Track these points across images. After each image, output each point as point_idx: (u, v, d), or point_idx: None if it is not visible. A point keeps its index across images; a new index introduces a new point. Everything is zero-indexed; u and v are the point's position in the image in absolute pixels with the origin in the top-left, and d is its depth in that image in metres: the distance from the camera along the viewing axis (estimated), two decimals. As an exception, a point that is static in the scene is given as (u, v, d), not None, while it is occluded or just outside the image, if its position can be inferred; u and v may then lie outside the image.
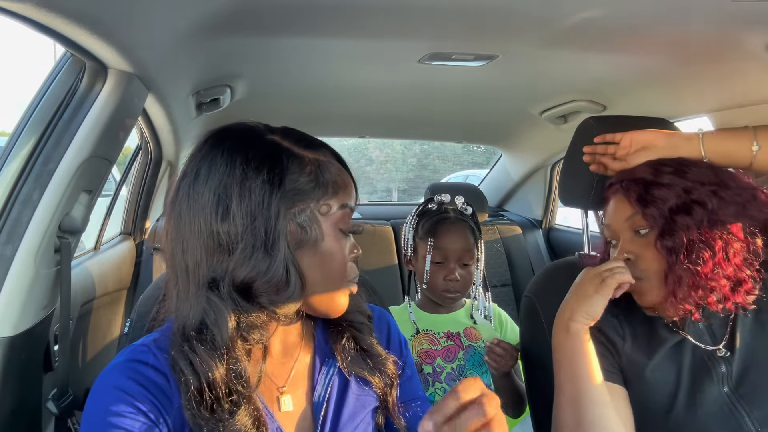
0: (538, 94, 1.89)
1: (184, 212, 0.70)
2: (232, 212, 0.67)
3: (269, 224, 0.68)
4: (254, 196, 0.68)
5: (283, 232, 0.68)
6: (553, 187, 2.81)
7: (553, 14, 1.10)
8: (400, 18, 1.15)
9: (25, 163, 1.04)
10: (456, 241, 1.33)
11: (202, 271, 0.68)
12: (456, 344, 1.36)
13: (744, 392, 0.90)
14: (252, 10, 1.10)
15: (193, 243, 0.69)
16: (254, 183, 0.68)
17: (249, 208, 0.68)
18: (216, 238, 0.68)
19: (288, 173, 0.70)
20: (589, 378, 0.91)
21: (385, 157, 10.80)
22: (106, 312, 1.88)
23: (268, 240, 0.68)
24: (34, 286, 1.03)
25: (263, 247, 0.68)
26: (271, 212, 0.68)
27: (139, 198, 2.23)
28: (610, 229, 1.01)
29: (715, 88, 1.41)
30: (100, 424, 0.66)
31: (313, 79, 1.68)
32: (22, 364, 1.03)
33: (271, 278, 0.68)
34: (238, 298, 0.68)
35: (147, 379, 0.69)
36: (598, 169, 1.11)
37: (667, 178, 0.95)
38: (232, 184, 0.68)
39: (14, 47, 39.47)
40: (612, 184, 1.03)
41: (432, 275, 1.33)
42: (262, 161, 0.69)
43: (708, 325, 0.97)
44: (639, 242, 0.95)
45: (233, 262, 0.68)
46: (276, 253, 0.68)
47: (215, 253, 0.68)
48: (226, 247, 0.68)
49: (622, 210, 0.98)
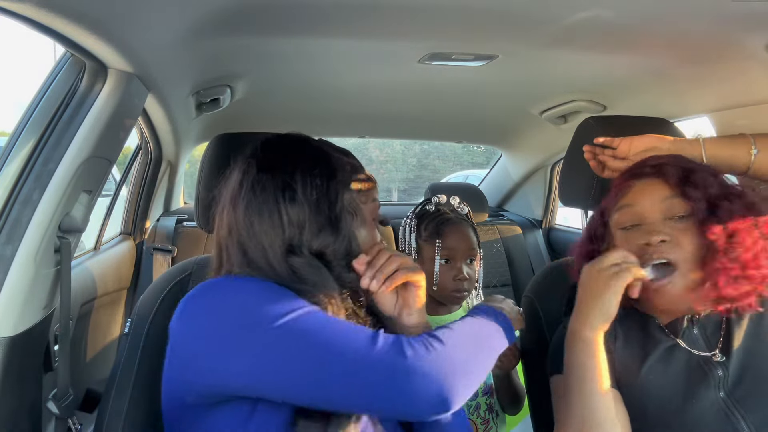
0: (538, 94, 1.89)
1: (251, 202, 0.83)
2: (298, 196, 0.82)
3: (332, 205, 0.83)
4: (315, 182, 0.83)
5: (343, 210, 0.84)
6: (553, 187, 2.81)
7: (553, 14, 1.10)
8: (400, 18, 1.15)
9: (25, 163, 1.04)
10: (462, 241, 1.35)
11: (277, 243, 0.81)
12: None
13: (740, 396, 0.88)
14: (252, 10, 1.10)
15: (265, 225, 0.82)
16: (313, 172, 0.84)
17: (312, 192, 0.83)
18: (286, 218, 0.82)
19: (338, 168, 0.86)
20: (599, 393, 0.87)
21: (385, 157, 10.80)
22: (106, 312, 1.88)
23: (333, 218, 0.83)
24: (34, 286, 1.03)
25: (329, 224, 0.83)
26: (331, 195, 0.84)
27: (139, 198, 2.23)
28: (633, 210, 0.95)
29: (715, 88, 1.41)
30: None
31: (313, 79, 1.68)
32: (22, 364, 1.03)
33: (339, 247, 0.83)
34: (315, 260, 0.82)
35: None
36: (597, 168, 1.11)
37: (702, 166, 0.95)
38: (294, 174, 0.83)
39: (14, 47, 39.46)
40: (637, 168, 0.99)
41: (441, 276, 1.34)
42: (316, 159, 0.86)
43: (702, 332, 0.95)
44: (673, 226, 0.91)
45: (305, 235, 0.82)
46: (341, 228, 0.84)
47: (287, 229, 0.82)
48: (296, 225, 0.82)
49: (656, 191, 0.94)
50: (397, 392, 0.71)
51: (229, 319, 0.74)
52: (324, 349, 0.72)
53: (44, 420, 1.16)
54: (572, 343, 0.91)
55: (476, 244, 1.37)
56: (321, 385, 0.71)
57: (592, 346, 0.88)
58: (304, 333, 0.73)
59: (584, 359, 0.88)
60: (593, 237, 1.03)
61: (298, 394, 0.73)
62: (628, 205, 0.96)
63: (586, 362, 0.88)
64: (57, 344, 1.18)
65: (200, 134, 2.28)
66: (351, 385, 0.71)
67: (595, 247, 1.03)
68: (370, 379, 0.71)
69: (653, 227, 0.92)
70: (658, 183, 0.95)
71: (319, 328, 0.74)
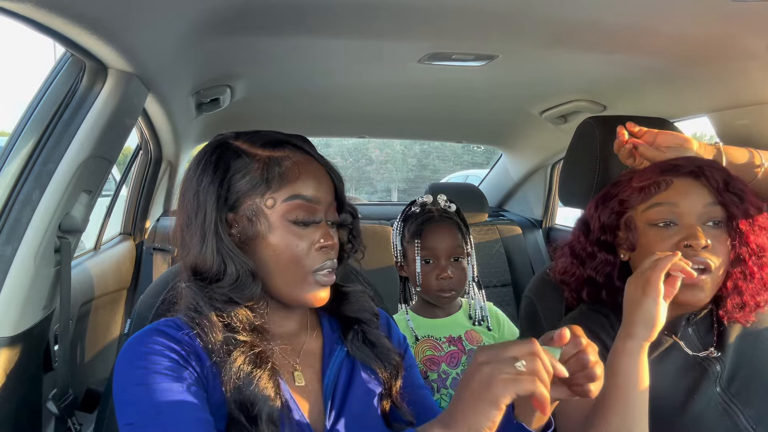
0: (538, 94, 1.89)
1: (183, 208, 0.80)
2: (185, 205, 0.79)
3: (207, 217, 0.76)
4: (201, 191, 0.77)
5: (217, 225, 0.76)
6: (553, 187, 2.81)
7: (553, 14, 1.10)
8: (400, 18, 1.15)
9: (25, 163, 1.04)
10: (443, 239, 1.33)
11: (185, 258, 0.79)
12: (458, 349, 1.36)
13: (735, 391, 0.90)
14: (252, 10, 1.10)
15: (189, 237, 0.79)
16: (205, 179, 0.77)
17: (196, 202, 0.77)
18: (182, 228, 0.79)
19: (230, 173, 0.77)
20: (639, 406, 0.81)
21: (385, 157, 10.80)
22: (106, 312, 1.88)
23: (206, 232, 0.76)
24: (34, 286, 1.03)
25: (202, 239, 0.76)
26: (207, 206, 0.76)
27: (139, 198, 2.23)
28: (672, 209, 0.93)
29: (715, 88, 1.41)
30: (136, 358, 0.71)
31: (313, 78, 1.68)
32: (22, 364, 1.03)
33: (208, 266, 0.76)
34: (194, 285, 0.77)
35: (175, 338, 0.74)
36: (624, 154, 1.05)
37: (736, 176, 0.95)
38: (191, 181, 0.79)
39: (14, 47, 39.49)
40: (675, 165, 0.96)
41: (424, 276, 1.33)
42: (213, 163, 0.78)
43: (696, 332, 0.97)
44: (708, 232, 0.91)
45: (186, 250, 0.78)
46: (207, 244, 0.76)
47: (183, 243, 0.79)
48: (186, 240, 0.78)
49: (699, 194, 0.93)
50: None
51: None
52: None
53: (44, 420, 1.16)
54: (616, 352, 0.85)
55: (462, 242, 1.35)
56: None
57: (635, 357, 0.83)
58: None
59: (627, 370, 0.82)
60: (603, 227, 1.00)
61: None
62: (669, 204, 0.93)
63: (629, 373, 0.82)
64: (57, 344, 1.18)
65: (200, 134, 2.28)
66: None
67: (607, 237, 1.00)
68: None
69: (693, 230, 0.90)
70: (699, 185, 0.93)
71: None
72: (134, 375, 0.70)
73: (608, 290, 1.00)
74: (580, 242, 1.03)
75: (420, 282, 1.33)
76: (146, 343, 0.72)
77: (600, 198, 1.03)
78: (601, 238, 1.00)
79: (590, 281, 1.01)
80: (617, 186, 1.02)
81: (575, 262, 1.04)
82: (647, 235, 0.94)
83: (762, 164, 1.02)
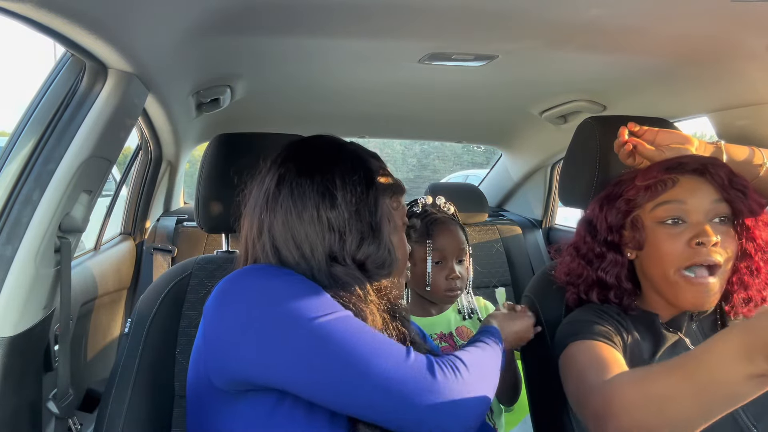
0: (538, 94, 1.89)
1: (290, 206, 0.82)
2: (338, 202, 0.81)
3: (372, 212, 0.83)
4: (356, 189, 0.83)
5: (384, 219, 0.84)
6: (553, 187, 2.81)
7: (553, 14, 1.10)
8: (400, 18, 1.15)
9: (25, 163, 1.04)
10: (452, 240, 1.35)
11: (319, 250, 0.81)
12: (449, 345, 1.37)
13: None
14: (252, 10, 1.10)
15: (306, 229, 0.81)
16: (352, 178, 0.83)
17: (352, 199, 0.82)
18: (326, 223, 0.81)
19: (375, 174, 0.86)
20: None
21: (385, 157, 10.75)
22: (107, 312, 1.88)
23: (374, 226, 0.83)
24: (34, 286, 1.03)
25: (371, 233, 0.82)
26: (370, 202, 0.83)
27: (139, 198, 2.23)
28: (681, 207, 0.94)
29: (715, 88, 1.41)
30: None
31: (313, 78, 1.68)
32: (22, 364, 1.03)
33: (379, 258, 0.83)
34: (357, 270, 0.82)
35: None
36: (624, 154, 1.05)
37: (737, 173, 0.96)
38: (333, 179, 0.82)
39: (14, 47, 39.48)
40: (678, 163, 0.96)
41: (434, 276, 1.34)
42: (354, 163, 0.85)
43: (700, 328, 0.97)
44: (716, 228, 0.91)
45: (348, 244, 0.81)
46: (382, 237, 0.83)
47: (327, 235, 0.81)
48: (337, 231, 0.81)
49: (706, 191, 0.94)
50: (423, 410, 0.72)
51: (266, 311, 0.73)
52: (358, 357, 0.72)
53: (44, 420, 1.16)
54: (733, 369, 0.63)
55: (465, 243, 1.38)
56: (351, 392, 0.72)
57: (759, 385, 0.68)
58: (342, 336, 0.73)
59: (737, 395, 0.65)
60: (610, 227, 1.00)
61: (327, 397, 0.73)
62: (677, 201, 0.94)
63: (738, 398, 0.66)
64: (57, 344, 1.18)
65: (200, 134, 2.28)
66: (380, 396, 0.71)
67: (613, 237, 1.00)
68: (400, 392, 0.72)
69: (703, 227, 0.91)
70: (705, 182, 0.94)
71: (355, 333, 0.74)
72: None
73: (616, 291, 1.00)
74: (587, 243, 1.03)
75: (429, 282, 1.33)
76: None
77: (604, 198, 1.03)
78: (608, 238, 1.00)
79: (601, 283, 1.01)
80: (620, 185, 1.02)
81: (582, 263, 1.04)
82: (656, 234, 0.95)
83: (764, 162, 1.02)
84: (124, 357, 1.09)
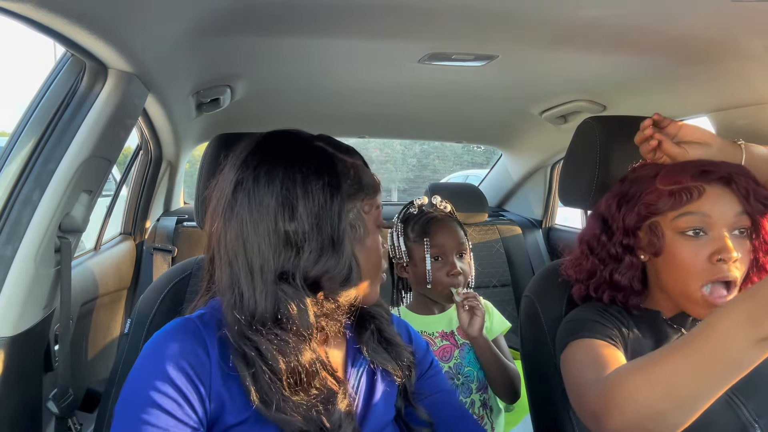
0: (538, 94, 1.88)
1: (246, 216, 0.75)
2: (298, 213, 0.74)
3: (334, 224, 0.75)
4: (318, 198, 0.74)
5: (346, 231, 0.76)
6: (553, 187, 2.81)
7: (553, 14, 1.10)
8: (400, 18, 1.15)
9: (25, 163, 1.04)
10: (450, 236, 1.36)
11: (270, 267, 0.74)
12: (450, 343, 1.38)
13: (738, 384, 0.89)
14: (252, 10, 1.10)
15: (259, 242, 0.74)
16: (316, 186, 0.75)
17: (314, 209, 0.74)
18: (283, 236, 0.74)
19: (342, 177, 0.77)
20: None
21: (385, 157, 10.78)
22: (107, 312, 1.88)
23: (335, 239, 0.75)
24: (34, 286, 1.03)
25: (332, 247, 0.75)
26: (333, 212, 0.75)
27: (139, 198, 2.23)
28: (704, 219, 0.91)
29: (715, 88, 1.41)
30: (141, 395, 0.70)
31: (313, 79, 1.68)
32: (22, 364, 1.03)
33: (338, 274, 0.75)
34: (308, 290, 0.75)
35: (193, 354, 0.73)
36: (646, 148, 1.03)
37: (759, 182, 0.94)
38: (295, 187, 0.74)
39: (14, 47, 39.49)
40: (703, 171, 0.93)
41: (434, 274, 1.34)
42: (320, 166, 0.76)
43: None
44: (736, 241, 0.90)
45: (303, 260, 0.74)
46: (343, 251, 0.75)
47: (283, 251, 0.74)
48: (294, 245, 0.74)
49: (730, 203, 0.91)
50: None
51: (121, 401, 0.72)
52: None
53: (44, 420, 1.16)
54: (742, 343, 0.64)
55: (464, 239, 1.39)
56: None
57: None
58: None
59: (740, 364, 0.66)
60: (626, 230, 0.98)
61: None
62: (701, 214, 0.91)
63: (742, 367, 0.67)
64: (57, 344, 1.18)
65: (200, 134, 2.28)
66: None
67: (629, 240, 0.98)
68: None
69: (724, 243, 0.89)
70: (729, 193, 0.92)
71: None
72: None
73: (627, 292, 1.00)
74: (601, 242, 1.01)
75: (430, 280, 1.34)
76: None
77: (621, 196, 1.00)
78: (624, 241, 0.99)
79: (614, 284, 1.00)
80: (638, 184, 0.99)
81: (596, 261, 1.02)
82: (675, 244, 0.93)
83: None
84: (124, 357, 1.09)
